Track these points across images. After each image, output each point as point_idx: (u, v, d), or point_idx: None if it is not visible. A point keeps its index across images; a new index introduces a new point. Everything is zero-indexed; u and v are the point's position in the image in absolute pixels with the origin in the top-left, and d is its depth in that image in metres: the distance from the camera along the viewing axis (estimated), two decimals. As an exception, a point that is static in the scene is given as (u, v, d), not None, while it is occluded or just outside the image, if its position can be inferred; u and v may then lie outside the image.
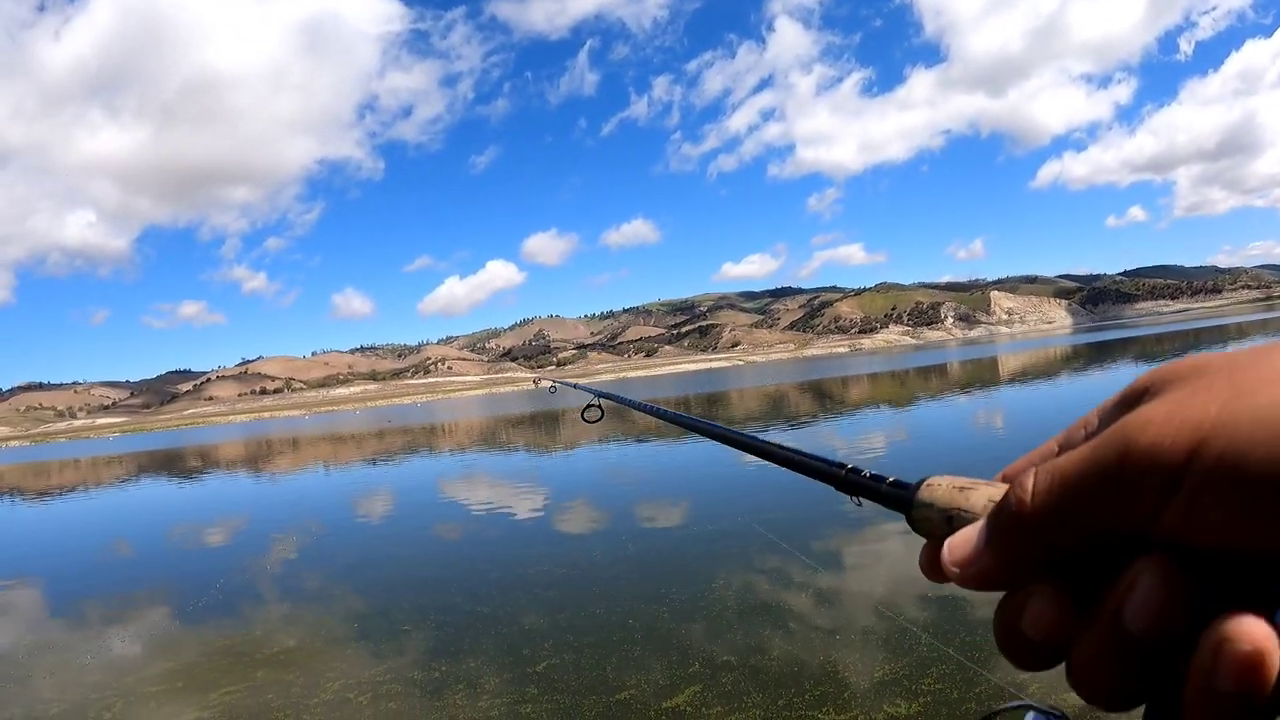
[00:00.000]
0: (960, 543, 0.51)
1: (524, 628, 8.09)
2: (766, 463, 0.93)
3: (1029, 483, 0.47)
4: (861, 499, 0.69)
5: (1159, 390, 0.46)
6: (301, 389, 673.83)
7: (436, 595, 9.87)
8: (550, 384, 5.02)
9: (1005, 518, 0.48)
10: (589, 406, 2.82)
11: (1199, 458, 0.40)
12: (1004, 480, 0.55)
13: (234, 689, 7.27)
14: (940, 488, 0.57)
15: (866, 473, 0.68)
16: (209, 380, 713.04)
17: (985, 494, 0.54)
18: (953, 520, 0.54)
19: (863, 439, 20.92)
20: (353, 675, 7.29)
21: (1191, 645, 0.40)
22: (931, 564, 0.54)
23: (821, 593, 8.17)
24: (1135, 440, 0.42)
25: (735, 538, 10.81)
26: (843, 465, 0.72)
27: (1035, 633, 0.47)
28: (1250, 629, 0.38)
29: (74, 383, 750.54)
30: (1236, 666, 0.37)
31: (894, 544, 9.40)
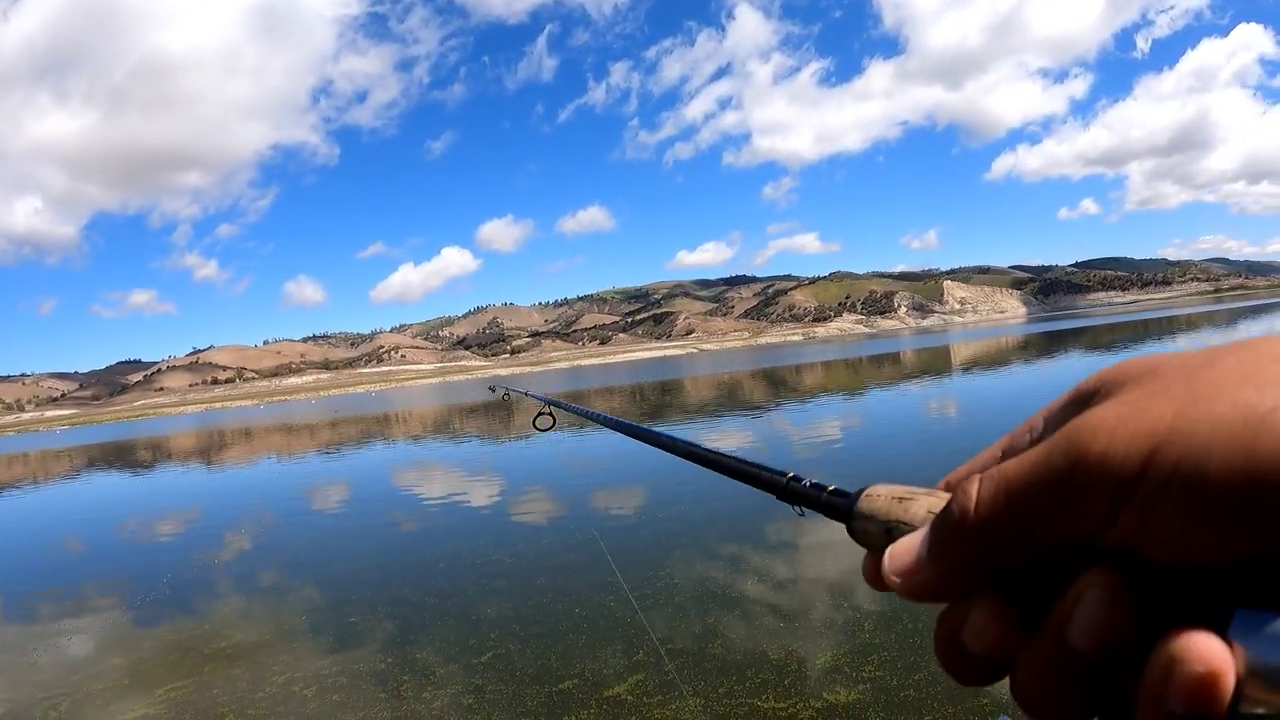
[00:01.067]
0: (901, 552, 0.49)
1: (471, 618, 8.16)
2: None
3: (973, 490, 0.45)
4: (803, 509, 0.68)
5: (1110, 391, 0.43)
6: (254, 379, 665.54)
7: (385, 587, 9.90)
8: (505, 392, 4.98)
9: (948, 528, 0.46)
10: (539, 414, 2.84)
11: (1154, 465, 0.38)
12: (946, 489, 0.53)
13: (180, 684, 7.27)
14: (879, 498, 0.56)
15: (807, 481, 0.67)
16: (160, 371, 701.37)
17: (925, 504, 0.52)
18: (891, 532, 0.53)
19: (811, 428, 21.18)
20: (299, 668, 7.33)
21: (1142, 662, 0.38)
22: (873, 575, 0.52)
23: (769, 581, 8.26)
24: (1086, 446, 0.40)
25: (684, 526, 10.94)
26: (783, 474, 0.71)
27: (977, 646, 0.45)
28: (1203, 648, 0.35)
29: (22, 375, 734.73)
30: (1189, 689, 0.35)
31: (842, 534, 9.56)
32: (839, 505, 0.60)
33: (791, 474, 0.69)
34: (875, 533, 0.54)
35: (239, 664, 7.67)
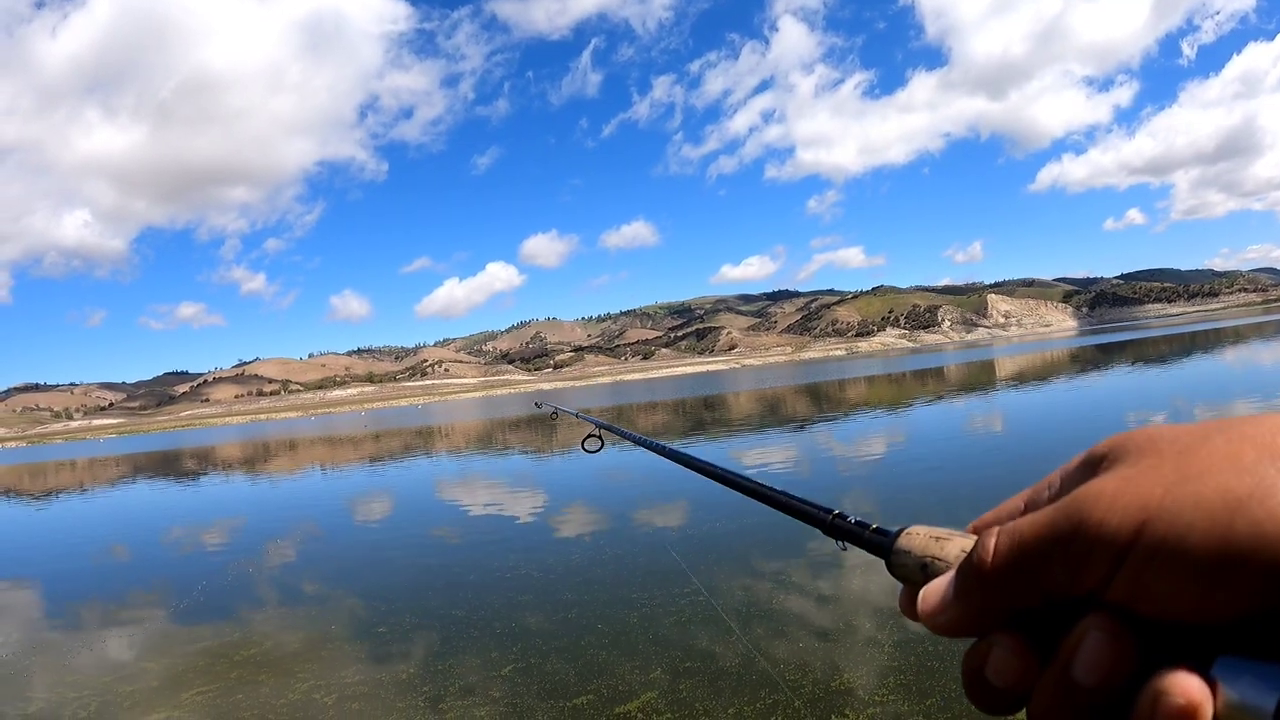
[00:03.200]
0: (933, 592, 0.55)
1: (495, 631, 8.22)
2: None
3: (991, 543, 0.52)
4: (846, 544, 0.72)
5: (1115, 460, 0.50)
6: (298, 391, 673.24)
7: (414, 598, 10.00)
8: (554, 410, 4.96)
9: (970, 574, 0.53)
10: (589, 437, 2.79)
11: (1144, 536, 0.44)
12: (973, 531, 0.59)
13: (206, 689, 7.41)
14: (918, 536, 0.61)
15: (852, 519, 0.71)
16: (206, 382, 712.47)
17: (958, 545, 0.58)
18: (927, 568, 0.58)
19: (847, 446, 21.08)
20: (322, 676, 7.44)
21: (1136, 697, 0.44)
22: (908, 607, 0.59)
23: (793, 603, 8.21)
24: (1088, 513, 0.46)
25: (713, 543, 10.94)
26: (829, 510, 0.75)
27: (998, 680, 0.51)
28: (1184, 684, 0.41)
29: (71, 384, 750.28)
30: (1170, 719, 0.41)
31: (868, 562, 9.50)
32: (880, 543, 0.65)
33: (837, 511, 0.74)
34: (912, 567, 0.60)
35: (265, 670, 7.81)
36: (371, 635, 8.67)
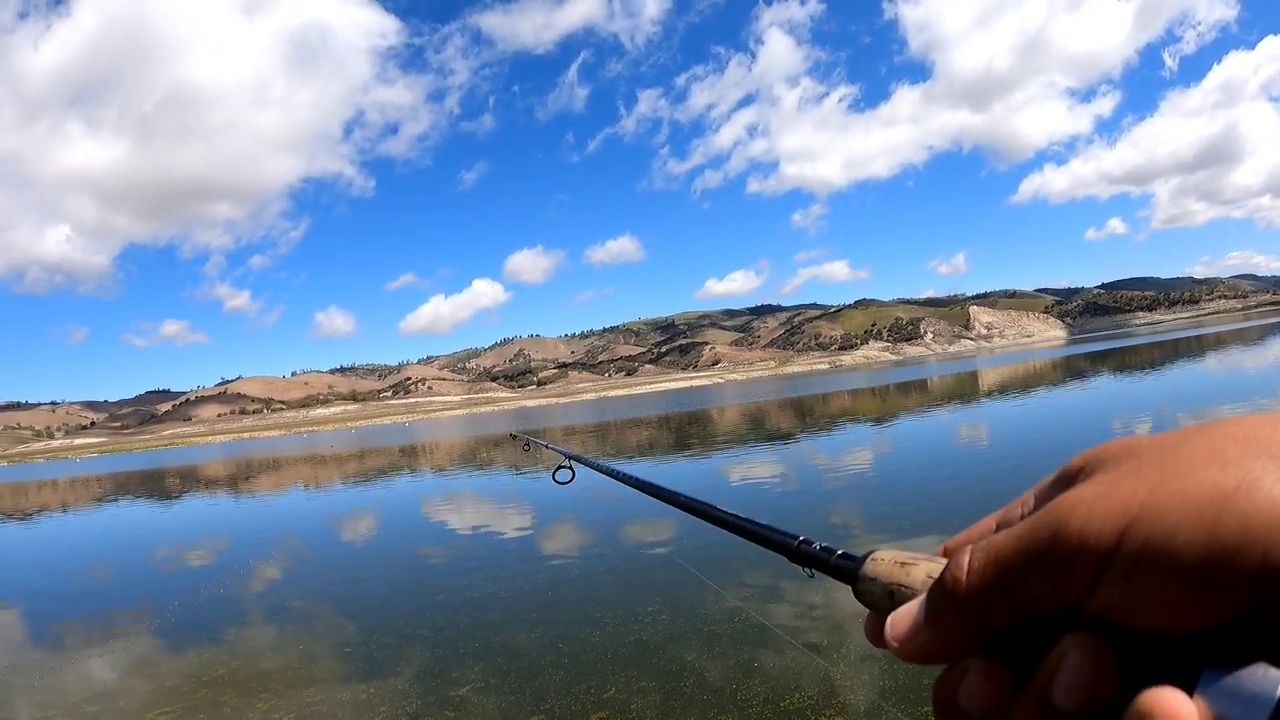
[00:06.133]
0: (901, 618, 0.53)
1: (459, 650, 8.35)
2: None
3: (964, 561, 0.49)
4: (813, 570, 0.72)
5: (1092, 471, 0.48)
6: (281, 409, 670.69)
7: (381, 617, 10.13)
8: (525, 442, 5.02)
9: (942, 595, 0.50)
10: (559, 468, 2.74)
11: (1127, 540, 0.42)
12: (944, 554, 0.56)
13: (169, 709, 7.52)
14: (883, 562, 0.59)
15: (817, 545, 0.71)
16: (189, 401, 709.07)
17: (925, 570, 0.56)
18: (894, 595, 0.57)
19: (829, 461, 21.26)
20: (283, 696, 7.57)
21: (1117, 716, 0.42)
22: (875, 634, 0.57)
23: (751, 624, 8.27)
24: (1066, 522, 0.45)
25: (675, 565, 11.05)
26: (795, 537, 0.75)
27: (971, 707, 0.48)
28: (1169, 704, 0.39)
29: (53, 402, 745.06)
30: None
31: (823, 582, 9.62)
32: (846, 568, 0.64)
33: (802, 537, 0.73)
34: (879, 594, 0.58)
35: (228, 690, 7.92)
36: (337, 654, 8.80)
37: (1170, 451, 0.45)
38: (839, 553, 0.67)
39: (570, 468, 2.71)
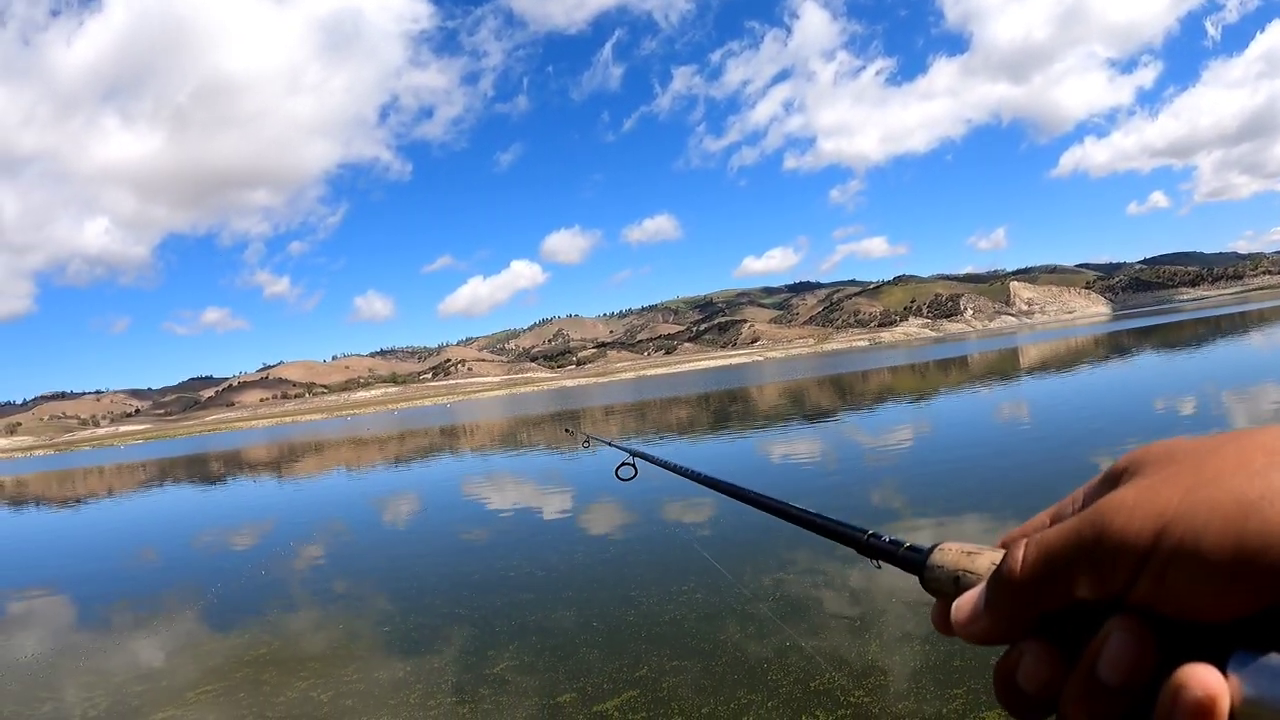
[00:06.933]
0: (965, 604, 0.58)
1: (494, 629, 8.41)
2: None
3: (1019, 554, 0.55)
4: (880, 562, 0.74)
5: (1135, 473, 0.53)
6: (323, 393, 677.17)
7: (418, 597, 10.21)
8: (586, 438, 4.83)
9: (1000, 584, 0.56)
10: (622, 465, 2.64)
11: (1162, 541, 0.47)
12: (1002, 546, 0.61)
13: (210, 688, 7.66)
14: (950, 552, 0.63)
15: (886, 538, 0.73)
16: (231, 386, 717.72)
17: (988, 559, 0.61)
18: (959, 581, 0.61)
19: (870, 437, 21.15)
20: (321, 674, 7.69)
21: (1157, 693, 0.46)
22: (941, 621, 0.62)
23: (785, 605, 8.19)
24: (1110, 521, 0.50)
25: (710, 546, 11.06)
26: (864, 530, 0.77)
27: (1028, 685, 0.53)
28: (1203, 677, 0.44)
29: (97, 391, 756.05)
30: (1190, 711, 0.44)
31: (858, 566, 9.55)
32: (914, 559, 0.67)
33: (871, 531, 0.76)
34: (945, 581, 0.62)
35: (269, 669, 8.05)
36: (375, 633, 8.93)
37: (1204, 459, 0.50)
38: (906, 545, 0.70)
39: (633, 464, 2.63)
